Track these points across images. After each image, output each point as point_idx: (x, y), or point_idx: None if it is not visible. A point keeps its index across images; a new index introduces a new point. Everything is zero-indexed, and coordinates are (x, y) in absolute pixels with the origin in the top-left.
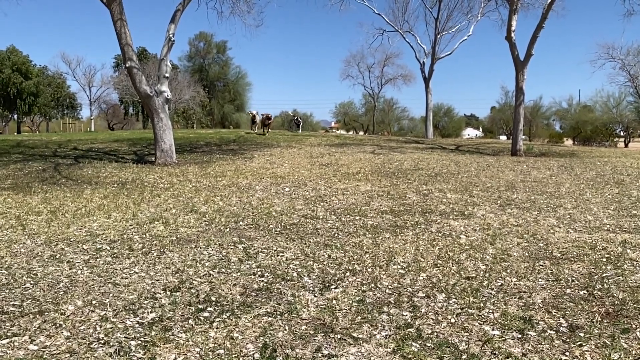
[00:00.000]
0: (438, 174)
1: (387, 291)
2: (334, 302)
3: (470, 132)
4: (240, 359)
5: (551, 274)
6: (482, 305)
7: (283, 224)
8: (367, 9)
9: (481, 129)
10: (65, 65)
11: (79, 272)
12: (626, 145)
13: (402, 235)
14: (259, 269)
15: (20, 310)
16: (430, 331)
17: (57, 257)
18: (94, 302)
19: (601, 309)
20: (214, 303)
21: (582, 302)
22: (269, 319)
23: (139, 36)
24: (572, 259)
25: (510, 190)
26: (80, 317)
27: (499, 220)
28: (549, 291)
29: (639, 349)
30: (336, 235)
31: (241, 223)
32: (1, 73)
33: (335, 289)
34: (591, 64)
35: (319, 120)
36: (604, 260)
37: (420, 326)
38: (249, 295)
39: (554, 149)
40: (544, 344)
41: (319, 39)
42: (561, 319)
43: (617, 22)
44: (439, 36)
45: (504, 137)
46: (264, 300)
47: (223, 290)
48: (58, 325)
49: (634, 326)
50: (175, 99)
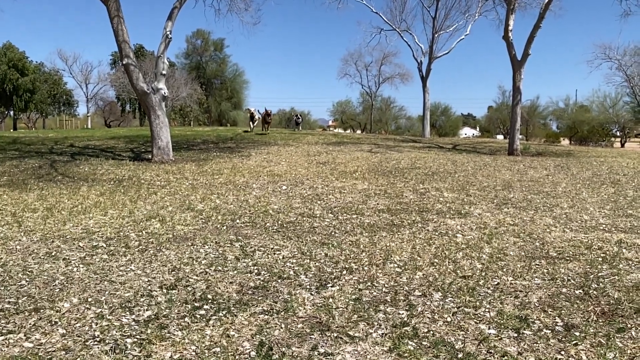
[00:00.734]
0: (435, 173)
1: (384, 290)
2: (331, 300)
3: (467, 132)
4: (237, 357)
5: (547, 273)
6: (478, 304)
7: (280, 222)
8: (365, 7)
9: (478, 128)
10: (62, 62)
11: (74, 269)
12: (622, 145)
13: (399, 234)
14: (255, 267)
15: (15, 307)
16: (426, 330)
17: (53, 254)
18: (89, 299)
19: (597, 308)
20: (210, 301)
21: (578, 302)
22: (265, 317)
23: (136, 33)
24: (568, 258)
25: (506, 190)
26: (76, 314)
27: (496, 219)
28: (544, 290)
29: (634, 348)
30: (333, 233)
31: (238, 221)
32: None
33: (331, 287)
34: (588, 64)
35: (317, 118)
36: (600, 259)
37: (417, 325)
38: (245, 294)
39: (551, 148)
40: (539, 343)
41: (317, 37)
42: (557, 318)
43: (614, 22)
44: (436, 35)
45: (500, 137)
46: (260, 298)
47: (219, 288)
48: (53, 323)
49: (629, 325)
50: (172, 97)
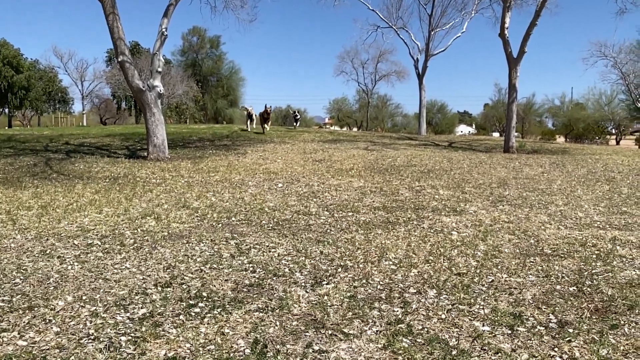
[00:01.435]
0: (431, 171)
1: (379, 287)
2: (326, 297)
3: (463, 129)
4: (231, 354)
5: (541, 270)
6: (472, 301)
7: (275, 219)
8: (362, 4)
9: (474, 126)
10: (57, 59)
11: (69, 267)
12: (617, 143)
13: (394, 231)
14: (250, 265)
15: (9, 305)
16: (420, 327)
17: (48, 252)
18: (84, 297)
19: (590, 305)
20: (205, 299)
21: (572, 299)
22: (260, 314)
23: (131, 30)
24: (562, 255)
25: (502, 187)
26: (70, 312)
27: (491, 216)
28: (539, 287)
29: (627, 344)
30: (328, 231)
31: (233, 219)
32: None
33: (326, 284)
34: (584, 61)
35: (313, 116)
36: (594, 256)
37: (411, 322)
38: (240, 291)
39: (546, 146)
40: (533, 339)
41: (313, 34)
42: (551, 315)
43: (610, 20)
44: (432, 33)
45: (496, 134)
46: (255, 296)
47: (214, 286)
48: (48, 321)
49: (622, 322)
50: (168, 94)
